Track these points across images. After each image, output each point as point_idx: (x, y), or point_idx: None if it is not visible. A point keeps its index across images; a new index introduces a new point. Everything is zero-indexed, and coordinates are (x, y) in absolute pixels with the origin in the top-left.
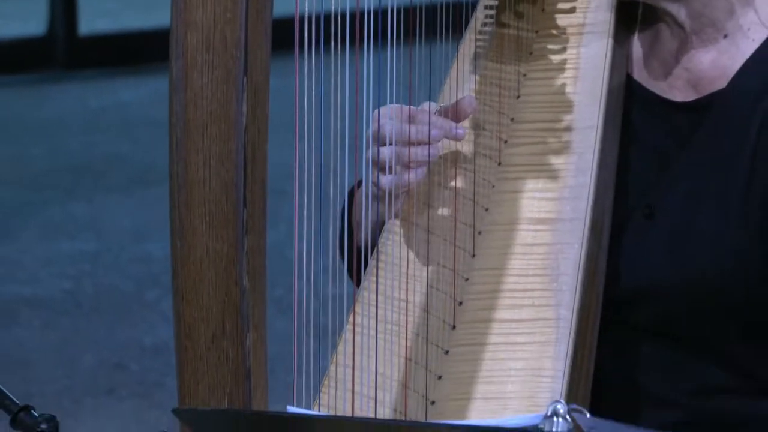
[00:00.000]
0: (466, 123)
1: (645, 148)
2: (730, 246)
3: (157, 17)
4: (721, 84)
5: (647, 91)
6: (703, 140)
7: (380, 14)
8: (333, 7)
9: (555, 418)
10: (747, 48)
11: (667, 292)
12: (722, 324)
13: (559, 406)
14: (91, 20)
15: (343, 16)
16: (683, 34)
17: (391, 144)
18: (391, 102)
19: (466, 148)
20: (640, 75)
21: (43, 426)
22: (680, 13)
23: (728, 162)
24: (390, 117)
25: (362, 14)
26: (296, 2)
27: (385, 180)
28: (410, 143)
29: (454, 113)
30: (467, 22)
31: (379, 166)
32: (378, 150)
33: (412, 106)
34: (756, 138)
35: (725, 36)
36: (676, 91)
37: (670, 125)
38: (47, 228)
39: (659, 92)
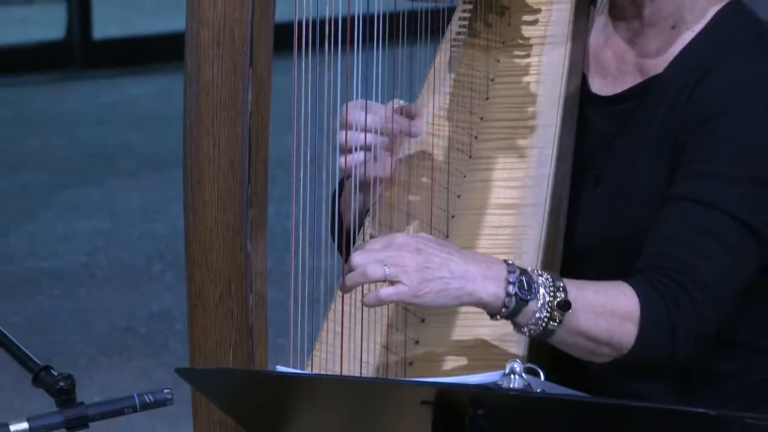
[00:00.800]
0: (443, 121)
1: (594, 133)
2: (654, 207)
3: (163, 23)
4: (661, 68)
5: (593, 93)
6: (640, 119)
7: (368, 20)
8: (327, 14)
9: (512, 376)
10: (687, 37)
11: (608, 247)
12: None
13: (516, 365)
14: (104, 26)
15: (336, 21)
16: (638, 24)
17: (357, 131)
18: (377, 97)
19: (441, 143)
20: (595, 65)
21: (62, 384)
22: (644, 5)
23: (659, 136)
24: (357, 108)
25: (352, 19)
26: (295, 8)
27: (351, 159)
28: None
29: (410, 113)
30: (444, 27)
31: (344, 148)
32: (345, 134)
33: (374, 102)
34: (680, 112)
35: (673, 27)
36: (626, 75)
37: (614, 113)
38: (66, 208)
39: (609, 84)
